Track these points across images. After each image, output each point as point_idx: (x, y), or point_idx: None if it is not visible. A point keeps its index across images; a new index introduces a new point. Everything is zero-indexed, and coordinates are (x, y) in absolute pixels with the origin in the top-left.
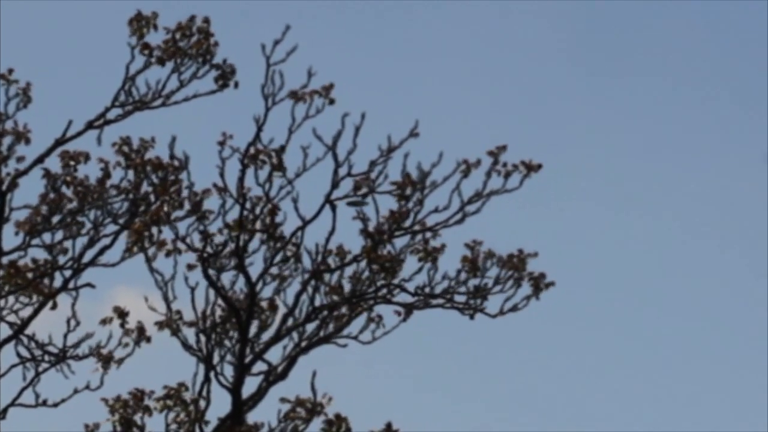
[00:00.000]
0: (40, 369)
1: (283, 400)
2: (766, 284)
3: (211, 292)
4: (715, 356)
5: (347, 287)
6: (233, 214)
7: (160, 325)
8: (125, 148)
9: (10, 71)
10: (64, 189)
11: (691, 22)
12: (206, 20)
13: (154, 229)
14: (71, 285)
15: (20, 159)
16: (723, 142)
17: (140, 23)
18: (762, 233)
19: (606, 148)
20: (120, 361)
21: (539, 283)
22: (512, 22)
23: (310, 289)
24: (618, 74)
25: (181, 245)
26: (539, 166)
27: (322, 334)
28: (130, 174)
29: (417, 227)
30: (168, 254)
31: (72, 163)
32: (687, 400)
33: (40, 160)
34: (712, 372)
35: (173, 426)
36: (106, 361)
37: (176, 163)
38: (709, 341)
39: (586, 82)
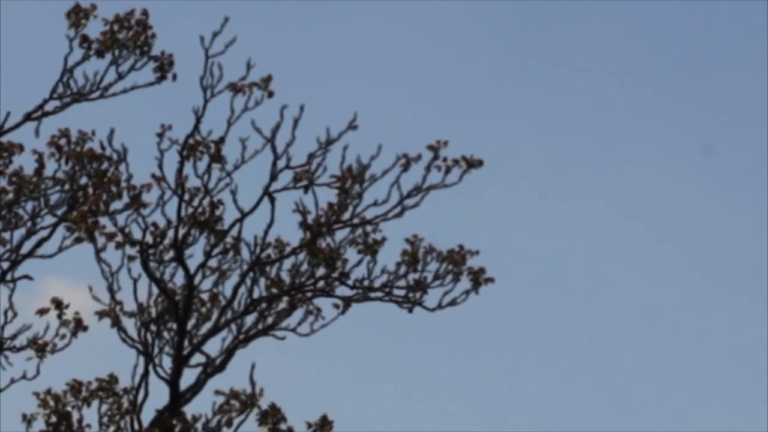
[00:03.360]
0: None
1: (217, 392)
2: (703, 275)
3: (152, 284)
4: (653, 347)
5: (287, 280)
6: (172, 206)
7: (101, 315)
8: (62, 141)
9: None
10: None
11: (630, 14)
12: (144, 12)
13: (95, 220)
14: (9, 277)
15: None
16: (661, 134)
17: (78, 15)
18: (700, 224)
19: (545, 141)
20: (54, 348)
21: (478, 278)
22: (449, 14)
23: (248, 281)
24: (557, 66)
25: (121, 238)
26: (480, 162)
27: (260, 326)
28: (65, 165)
29: (356, 220)
30: (118, 246)
31: (5, 154)
32: (623, 392)
33: None
34: (652, 363)
35: (106, 418)
36: (41, 349)
37: (114, 155)
38: (647, 333)
39: (526, 75)
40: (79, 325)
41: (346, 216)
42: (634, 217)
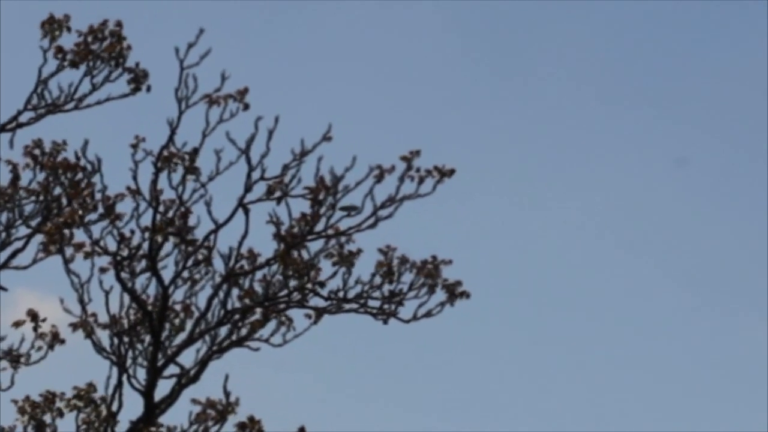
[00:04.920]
0: None
1: (194, 401)
2: (678, 285)
3: (125, 295)
4: (629, 357)
5: (260, 291)
6: (146, 217)
7: (75, 326)
8: (36, 151)
9: None
10: None
11: (605, 25)
12: (119, 23)
13: (68, 232)
14: None
15: None
16: (635, 146)
17: (52, 26)
18: (674, 235)
19: (519, 151)
20: (28, 358)
21: (454, 291)
22: (424, 25)
23: (222, 293)
24: (531, 77)
25: (95, 248)
26: (452, 172)
27: (234, 337)
28: (40, 176)
29: (330, 231)
30: (86, 256)
31: None
32: (601, 402)
33: None
34: (625, 373)
35: (83, 427)
36: (15, 360)
37: (88, 166)
38: (622, 342)
39: (500, 85)
40: (55, 338)
41: (320, 227)
42: (609, 228)
